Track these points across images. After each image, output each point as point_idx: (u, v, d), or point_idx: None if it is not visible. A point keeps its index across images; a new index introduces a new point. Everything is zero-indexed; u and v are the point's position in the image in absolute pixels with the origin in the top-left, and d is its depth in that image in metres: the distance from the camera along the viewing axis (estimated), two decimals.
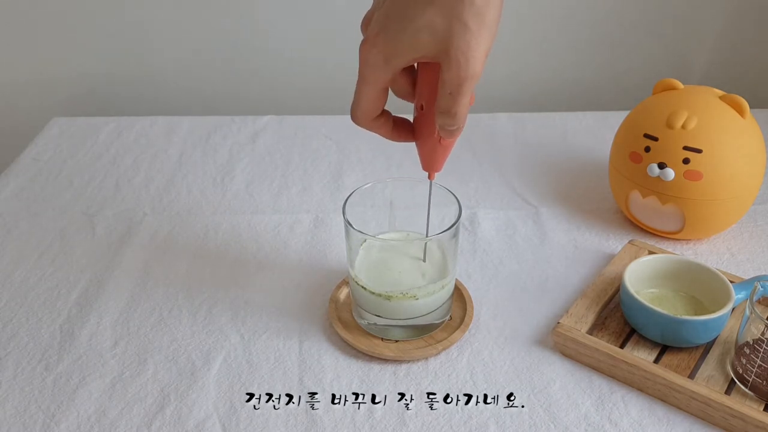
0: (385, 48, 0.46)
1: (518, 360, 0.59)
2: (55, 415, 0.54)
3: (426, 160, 0.54)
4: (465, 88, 0.46)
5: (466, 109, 0.47)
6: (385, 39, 0.46)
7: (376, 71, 0.47)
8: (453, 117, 0.47)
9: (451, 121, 0.48)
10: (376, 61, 0.46)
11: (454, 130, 0.49)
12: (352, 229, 0.56)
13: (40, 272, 0.69)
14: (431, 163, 0.54)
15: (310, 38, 1.09)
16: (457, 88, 0.45)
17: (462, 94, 0.46)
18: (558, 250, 0.72)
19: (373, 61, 0.46)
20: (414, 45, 0.45)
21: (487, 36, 0.45)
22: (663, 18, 1.09)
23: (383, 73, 0.47)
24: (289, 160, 0.89)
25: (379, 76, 0.47)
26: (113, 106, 1.13)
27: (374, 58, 0.46)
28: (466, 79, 0.45)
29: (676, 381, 0.54)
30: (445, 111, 0.47)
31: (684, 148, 0.67)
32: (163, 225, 0.76)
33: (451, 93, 0.46)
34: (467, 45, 0.44)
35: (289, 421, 0.54)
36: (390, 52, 0.46)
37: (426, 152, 0.54)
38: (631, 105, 0.79)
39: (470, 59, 0.44)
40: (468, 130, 0.96)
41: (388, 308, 0.58)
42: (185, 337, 0.61)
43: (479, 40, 0.44)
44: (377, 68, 0.47)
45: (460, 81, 0.45)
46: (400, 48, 0.45)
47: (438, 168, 0.55)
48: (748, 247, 0.72)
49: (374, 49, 0.46)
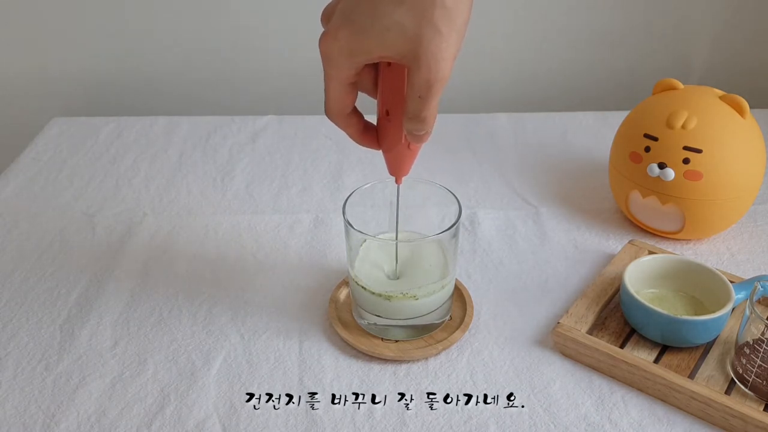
0: (349, 43, 0.45)
1: (518, 360, 0.59)
2: (55, 415, 0.54)
3: (393, 165, 0.54)
4: (434, 91, 0.45)
5: (435, 113, 0.47)
6: (349, 33, 0.45)
7: (339, 66, 0.46)
8: (422, 122, 0.47)
9: (420, 126, 0.47)
10: (338, 55, 0.45)
11: (423, 135, 0.48)
12: (352, 229, 0.56)
13: (40, 272, 0.69)
14: (399, 168, 0.54)
15: (310, 38, 1.09)
16: (426, 91, 0.45)
17: (431, 97, 0.45)
18: (558, 250, 0.72)
19: (335, 56, 0.45)
20: (381, 43, 0.44)
21: (456, 39, 0.44)
22: (663, 18, 1.09)
23: (346, 68, 0.46)
24: (289, 160, 0.89)
25: (341, 71, 0.46)
26: (113, 106, 1.13)
27: (337, 52, 0.45)
28: (435, 82, 0.44)
29: (676, 381, 0.54)
30: (415, 116, 0.46)
31: (684, 148, 0.67)
32: (163, 225, 0.76)
33: (421, 96, 0.45)
34: (437, 48, 0.44)
35: (289, 421, 0.54)
36: (354, 47, 0.45)
37: (393, 158, 0.53)
38: (631, 105, 0.79)
39: (440, 62, 0.44)
40: (468, 130, 0.96)
41: (388, 308, 0.58)
42: (185, 337, 0.61)
43: (449, 43, 0.44)
44: (340, 63, 0.46)
45: (430, 84, 0.44)
46: (365, 44, 0.45)
47: (405, 172, 0.54)
48: (748, 247, 0.72)
49: (336, 44, 0.45)
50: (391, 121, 0.50)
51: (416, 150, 0.53)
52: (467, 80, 1.12)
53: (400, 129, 0.50)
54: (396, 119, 0.50)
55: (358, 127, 0.52)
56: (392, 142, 0.52)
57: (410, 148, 0.52)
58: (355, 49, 0.45)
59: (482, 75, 1.12)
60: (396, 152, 0.52)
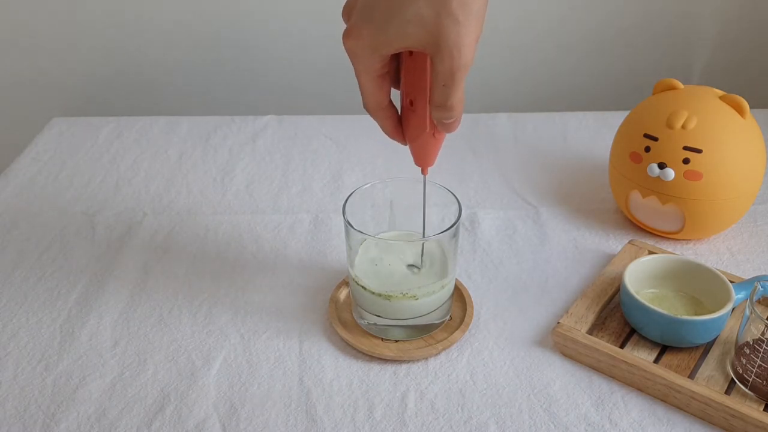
0: (372, 39, 0.46)
1: (518, 360, 0.59)
2: (55, 415, 0.54)
3: (419, 155, 0.54)
4: (458, 78, 0.46)
5: (461, 100, 0.48)
6: (371, 29, 0.46)
7: (365, 61, 0.47)
8: (450, 110, 0.48)
9: (448, 114, 0.48)
10: (363, 51, 0.47)
11: (452, 123, 0.49)
12: (351, 229, 0.56)
13: (40, 272, 0.69)
14: (424, 158, 0.54)
15: (310, 38, 1.09)
16: (450, 79, 0.46)
17: (456, 85, 0.46)
18: (558, 250, 0.72)
19: (360, 52, 0.47)
20: (402, 35, 0.45)
21: (475, 25, 0.45)
22: (663, 18, 1.09)
23: (372, 62, 0.47)
24: (289, 160, 0.89)
25: (369, 65, 0.48)
26: (113, 106, 1.13)
27: (361, 49, 0.47)
28: (458, 69, 0.46)
29: (676, 381, 0.54)
30: (441, 104, 0.48)
31: (684, 148, 0.67)
32: (163, 225, 0.76)
33: (445, 85, 0.46)
34: (457, 36, 0.44)
35: (289, 421, 0.54)
36: (377, 42, 0.46)
37: (418, 147, 0.54)
38: (631, 105, 0.80)
39: (462, 49, 0.45)
40: (468, 130, 0.96)
41: (388, 308, 0.58)
42: (185, 337, 0.61)
43: (468, 30, 0.45)
44: (365, 58, 0.47)
45: (453, 72, 0.46)
46: (387, 38, 0.46)
47: (431, 162, 0.55)
48: (748, 247, 0.72)
49: (360, 41, 0.46)
50: (416, 110, 0.51)
51: (441, 139, 0.53)
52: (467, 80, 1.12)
53: (424, 118, 0.51)
54: (420, 108, 0.51)
55: (394, 120, 0.52)
56: (417, 132, 0.52)
57: (435, 137, 0.53)
58: (378, 44, 0.46)
59: (482, 75, 1.12)
60: (421, 141, 0.53)
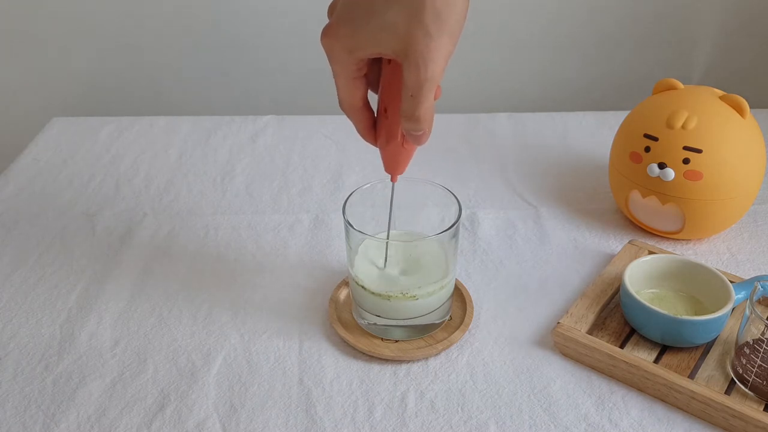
0: (348, 40, 0.46)
1: (518, 360, 0.59)
2: (55, 415, 0.54)
3: (388, 162, 0.54)
4: (425, 90, 0.46)
5: (429, 113, 0.47)
6: (347, 30, 0.46)
7: (341, 62, 0.47)
8: (417, 121, 0.47)
9: (416, 126, 0.48)
10: (339, 52, 0.47)
11: (420, 135, 0.49)
12: (351, 229, 0.56)
13: (40, 272, 0.69)
14: (394, 165, 0.54)
15: (310, 38, 1.09)
16: (417, 90, 0.46)
17: (423, 96, 0.46)
18: (558, 250, 0.72)
19: (336, 52, 0.47)
20: (375, 40, 0.45)
21: (447, 40, 0.45)
22: (663, 18, 1.09)
23: (347, 63, 0.47)
24: (289, 160, 0.89)
25: (344, 66, 0.48)
26: (113, 106, 1.13)
27: (338, 49, 0.47)
28: (425, 81, 0.45)
29: (676, 381, 0.54)
30: (409, 115, 0.47)
31: (684, 148, 0.67)
32: (163, 225, 0.76)
33: (413, 95, 0.46)
34: (426, 48, 0.44)
35: (289, 421, 0.54)
36: (352, 44, 0.46)
37: (388, 155, 0.54)
38: (631, 105, 0.79)
39: (429, 62, 0.45)
40: (468, 130, 0.96)
41: (388, 308, 0.58)
42: (185, 337, 0.61)
43: (439, 44, 0.44)
44: (341, 59, 0.47)
45: (420, 84, 0.45)
46: (362, 41, 0.46)
47: (401, 170, 0.55)
48: (748, 247, 0.72)
49: (337, 42, 0.46)
50: (388, 118, 0.51)
51: (412, 149, 0.53)
52: (467, 80, 1.12)
53: (396, 126, 0.51)
54: (393, 116, 0.51)
55: (367, 122, 0.52)
56: (388, 139, 0.52)
57: (405, 147, 0.53)
58: (353, 46, 0.46)
59: (482, 75, 1.12)
60: (391, 149, 0.53)
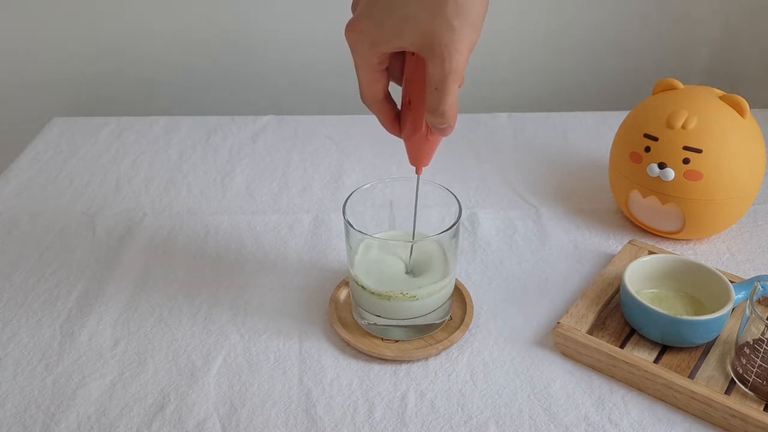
0: (370, 34, 0.46)
1: (518, 360, 0.59)
2: (55, 415, 0.54)
3: (413, 154, 0.55)
4: (449, 83, 0.46)
5: (454, 106, 0.48)
6: (370, 24, 0.46)
7: (363, 55, 0.48)
8: (441, 115, 0.48)
9: (441, 120, 0.48)
10: (361, 45, 0.47)
11: (445, 128, 0.49)
12: (351, 229, 0.56)
13: (40, 272, 0.69)
14: (418, 157, 0.55)
15: (310, 38, 1.09)
16: (441, 83, 0.46)
17: (447, 90, 0.46)
18: (558, 250, 0.72)
19: (359, 46, 0.47)
20: (397, 34, 0.46)
21: (470, 32, 0.45)
22: (663, 18, 1.09)
23: (370, 56, 0.48)
24: (289, 160, 0.89)
25: (366, 59, 0.48)
26: (113, 106, 1.13)
27: (360, 42, 0.47)
28: (449, 74, 0.46)
29: (676, 381, 0.54)
30: (434, 108, 0.48)
31: (684, 148, 0.67)
32: (163, 225, 0.76)
33: (437, 89, 0.46)
34: (450, 41, 0.45)
35: (289, 421, 0.54)
36: (375, 37, 0.47)
37: (413, 147, 0.54)
38: (631, 105, 0.80)
39: (453, 54, 0.45)
40: (468, 130, 0.96)
41: (388, 308, 0.58)
42: (185, 337, 0.61)
43: (462, 37, 0.45)
44: (363, 52, 0.48)
45: (444, 76, 0.46)
46: (384, 35, 0.46)
47: (426, 162, 0.55)
48: (748, 247, 0.72)
49: (359, 35, 0.47)
50: (412, 110, 0.51)
51: (436, 141, 0.54)
52: (467, 80, 1.12)
53: (420, 118, 0.51)
54: (416, 109, 0.51)
55: (390, 114, 0.53)
56: (412, 131, 0.53)
57: (429, 139, 0.53)
58: (375, 40, 0.47)
59: (482, 75, 1.12)
60: (416, 141, 0.53)
